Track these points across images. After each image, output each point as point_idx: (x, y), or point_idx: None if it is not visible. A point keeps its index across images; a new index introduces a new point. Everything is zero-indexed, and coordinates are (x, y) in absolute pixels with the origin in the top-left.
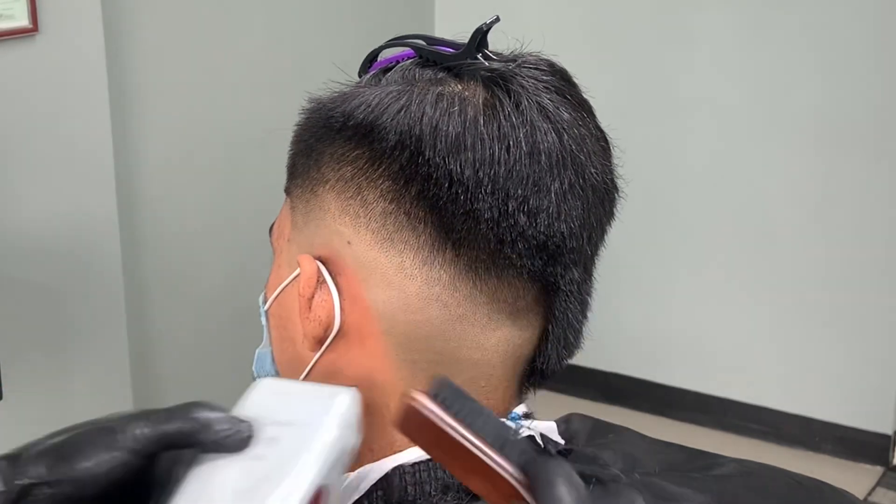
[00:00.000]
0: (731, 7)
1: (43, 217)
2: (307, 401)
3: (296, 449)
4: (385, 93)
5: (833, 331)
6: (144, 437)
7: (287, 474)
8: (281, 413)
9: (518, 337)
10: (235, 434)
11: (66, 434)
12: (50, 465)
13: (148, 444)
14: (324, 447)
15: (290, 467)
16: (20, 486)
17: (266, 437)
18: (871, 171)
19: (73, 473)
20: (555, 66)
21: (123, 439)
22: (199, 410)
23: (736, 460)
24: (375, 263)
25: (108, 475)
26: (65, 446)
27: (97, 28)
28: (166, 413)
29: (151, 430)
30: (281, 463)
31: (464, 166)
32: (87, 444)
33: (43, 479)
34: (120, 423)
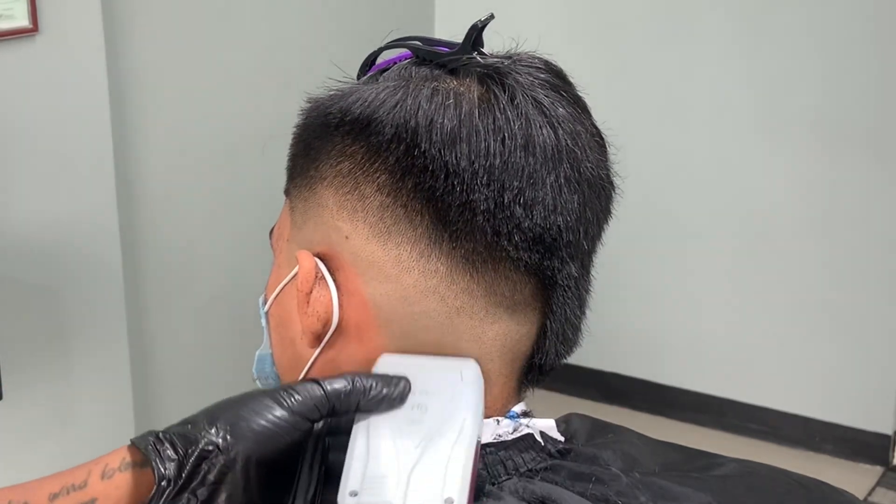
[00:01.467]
0: (731, 7)
1: (43, 217)
2: (435, 372)
3: (450, 411)
4: (381, 88)
5: (833, 331)
6: (314, 398)
7: (454, 432)
8: (415, 383)
9: (516, 332)
10: (394, 389)
11: (233, 402)
12: (224, 431)
13: (318, 405)
14: (476, 409)
15: (452, 429)
16: (197, 453)
17: (412, 405)
18: (871, 171)
19: (247, 440)
20: (550, 64)
21: (292, 403)
22: (355, 374)
23: (736, 460)
24: (373, 257)
25: (278, 438)
26: (236, 412)
27: (97, 28)
28: (326, 380)
29: (320, 391)
30: (441, 423)
31: (459, 158)
32: (258, 409)
33: (218, 445)
34: (286, 390)
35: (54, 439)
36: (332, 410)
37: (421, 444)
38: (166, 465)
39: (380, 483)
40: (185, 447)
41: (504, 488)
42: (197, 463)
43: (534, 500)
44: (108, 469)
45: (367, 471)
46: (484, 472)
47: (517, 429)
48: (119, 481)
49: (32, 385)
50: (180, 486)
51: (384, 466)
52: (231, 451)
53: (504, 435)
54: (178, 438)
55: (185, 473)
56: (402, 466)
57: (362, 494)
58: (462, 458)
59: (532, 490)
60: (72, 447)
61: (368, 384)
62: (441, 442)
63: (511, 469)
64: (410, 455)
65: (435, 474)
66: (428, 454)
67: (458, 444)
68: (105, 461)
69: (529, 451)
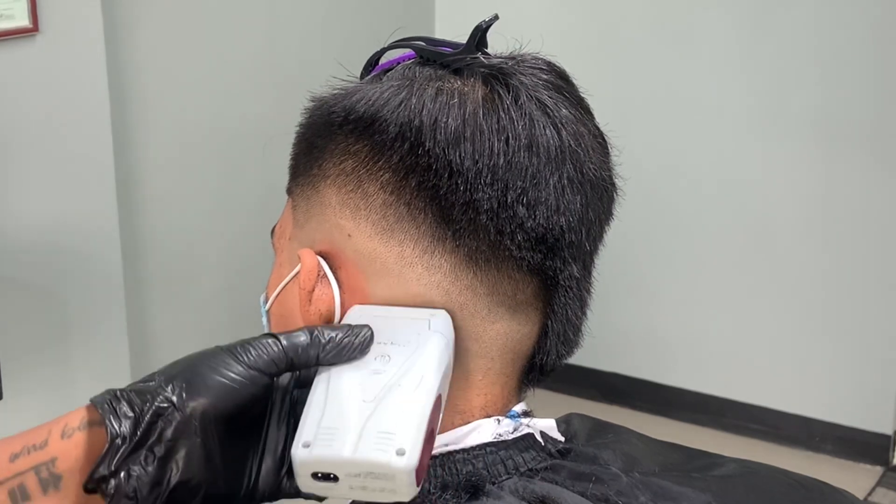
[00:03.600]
0: (732, 7)
1: (43, 217)
2: (405, 322)
3: (412, 361)
4: (385, 88)
5: (833, 331)
6: (270, 353)
7: (412, 383)
8: (382, 334)
9: (517, 331)
10: (357, 338)
11: (190, 358)
12: (180, 388)
13: (275, 359)
14: (439, 360)
15: (411, 380)
16: (152, 410)
17: (376, 355)
18: (871, 171)
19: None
20: (553, 65)
21: (248, 359)
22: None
23: (736, 460)
24: (375, 254)
25: (236, 393)
26: (192, 369)
27: (97, 28)
28: (284, 334)
29: (277, 346)
30: (401, 375)
31: (463, 157)
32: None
33: (174, 402)
34: (242, 346)
35: None
36: (290, 364)
37: (379, 395)
38: (122, 422)
39: (333, 434)
40: (141, 405)
41: (504, 488)
42: (153, 420)
43: (534, 499)
44: (67, 428)
45: (322, 422)
46: (484, 471)
47: (517, 428)
48: (78, 440)
49: (32, 385)
50: (136, 444)
51: (340, 418)
52: (187, 407)
53: (504, 434)
54: (134, 396)
55: (141, 431)
56: (358, 418)
57: (314, 446)
58: (418, 410)
59: (532, 489)
60: None
61: (328, 336)
62: (399, 393)
63: (511, 468)
64: (368, 406)
65: (389, 426)
66: (384, 405)
67: (416, 396)
68: (65, 420)
69: (530, 451)
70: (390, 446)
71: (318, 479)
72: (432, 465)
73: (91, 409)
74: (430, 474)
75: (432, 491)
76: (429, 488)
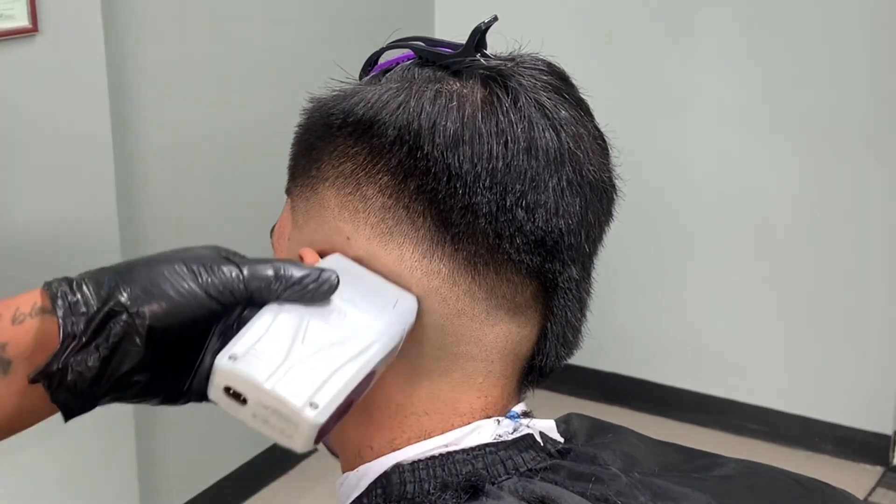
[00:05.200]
0: (732, 7)
1: (43, 217)
2: (374, 290)
3: (365, 328)
4: (384, 90)
5: (833, 331)
6: (230, 284)
7: (354, 349)
8: (347, 291)
9: (517, 334)
10: (320, 286)
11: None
12: (136, 295)
13: (234, 290)
14: (389, 339)
15: (355, 345)
16: (105, 312)
17: (333, 308)
18: (871, 171)
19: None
20: (553, 66)
21: (207, 282)
22: (284, 262)
23: (736, 460)
24: (375, 258)
25: (187, 311)
26: (151, 276)
27: (97, 28)
28: (252, 263)
29: (239, 277)
30: (348, 336)
31: (462, 161)
32: (173, 278)
33: (126, 306)
34: (206, 266)
35: (54, 439)
36: (248, 299)
37: (320, 345)
38: (75, 319)
39: (260, 359)
40: (97, 301)
41: (504, 488)
42: (104, 320)
43: (533, 499)
44: (18, 313)
45: (256, 345)
46: (484, 471)
47: (517, 429)
48: (29, 327)
49: None
50: (86, 341)
51: (274, 348)
52: (138, 315)
53: (504, 435)
54: (89, 291)
55: (92, 329)
56: (292, 356)
57: (239, 361)
58: (348, 374)
59: (532, 490)
60: (72, 447)
61: (293, 277)
62: (339, 351)
63: (511, 469)
64: (305, 350)
65: (315, 377)
66: (320, 356)
67: (354, 361)
68: (16, 304)
69: (529, 451)
70: (307, 395)
71: (228, 395)
72: (432, 466)
73: (44, 295)
74: (431, 475)
75: (432, 491)
76: (429, 488)
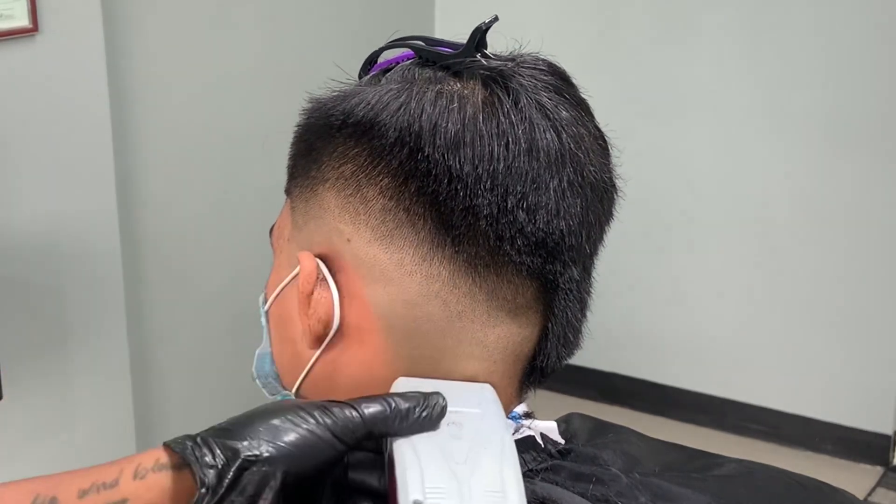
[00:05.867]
0: (733, 7)
1: (43, 217)
2: (457, 392)
3: (486, 427)
4: (385, 91)
5: (833, 331)
6: (350, 422)
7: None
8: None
9: (518, 335)
10: (431, 409)
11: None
12: (266, 444)
13: (355, 428)
14: (506, 423)
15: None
16: (238, 464)
17: (447, 421)
18: (871, 171)
19: (287, 453)
20: (553, 65)
21: (328, 423)
22: (389, 396)
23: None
24: (375, 260)
25: (315, 456)
26: (274, 424)
27: (97, 28)
28: (359, 402)
29: (357, 415)
30: (482, 440)
31: (463, 162)
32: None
33: (259, 456)
34: (321, 409)
35: (54, 439)
36: (368, 434)
37: (468, 458)
38: (206, 471)
39: (441, 493)
40: (224, 454)
41: None
42: (238, 474)
43: (534, 500)
44: (140, 469)
45: (425, 481)
46: None
47: (518, 430)
48: (151, 482)
49: (33, 385)
50: (220, 496)
51: (441, 477)
52: (273, 463)
53: None
54: (217, 445)
55: (227, 483)
56: (459, 478)
57: (428, 501)
58: (515, 470)
59: (532, 490)
60: (72, 447)
61: (405, 407)
62: (487, 457)
63: None
64: (464, 468)
65: (493, 485)
66: (479, 466)
67: (505, 458)
68: (137, 460)
69: (530, 452)
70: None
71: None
72: None
73: (167, 451)
74: None
75: None
76: None
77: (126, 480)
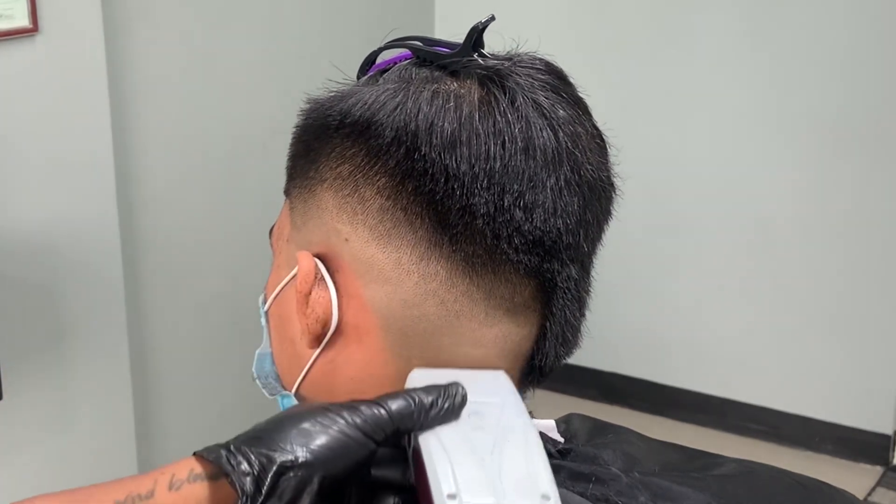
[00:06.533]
0: (732, 7)
1: (43, 217)
2: (471, 381)
3: (507, 416)
4: (381, 91)
5: (833, 331)
6: (378, 419)
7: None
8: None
9: (516, 334)
10: (453, 400)
11: (297, 417)
12: (301, 448)
13: (384, 426)
14: (524, 408)
15: (515, 430)
16: (274, 469)
17: (468, 412)
18: (871, 172)
19: (323, 455)
20: (550, 64)
21: (358, 422)
22: (411, 391)
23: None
24: (373, 260)
25: (348, 457)
26: (305, 428)
27: (97, 28)
28: (385, 399)
29: (384, 412)
30: (504, 429)
31: (459, 162)
32: (327, 424)
33: (296, 461)
34: (348, 410)
35: (54, 439)
36: (395, 431)
37: (495, 449)
38: (243, 479)
39: (473, 485)
40: (260, 461)
41: None
42: (275, 479)
43: None
44: (175, 480)
45: (457, 474)
46: None
47: None
48: (187, 493)
49: (32, 385)
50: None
51: (472, 470)
52: (309, 467)
53: None
54: (252, 452)
55: (265, 490)
56: (488, 470)
57: (462, 495)
58: (540, 457)
59: None
60: (72, 447)
61: (429, 400)
62: (513, 446)
63: None
64: (492, 459)
65: (523, 475)
66: (507, 456)
67: (530, 447)
68: (171, 471)
69: None
70: (535, 492)
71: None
72: None
73: (200, 461)
74: None
75: None
76: None
77: (161, 491)
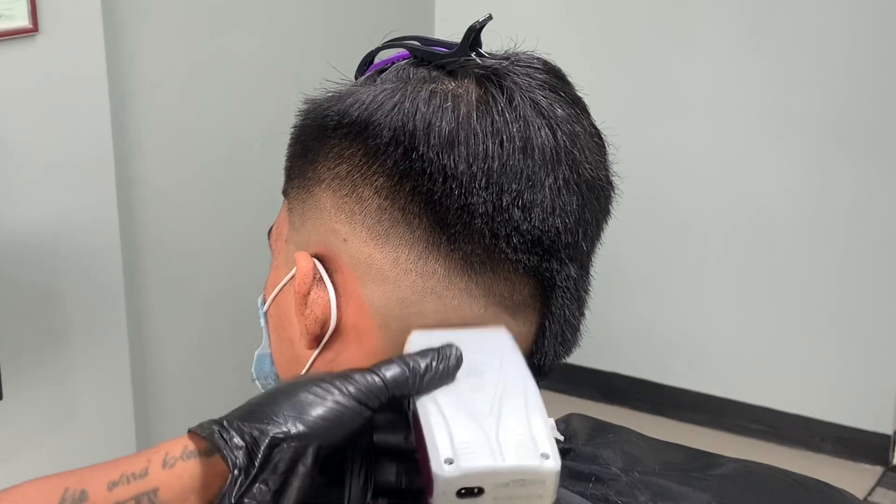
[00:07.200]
0: (732, 6)
1: (43, 217)
2: (471, 339)
3: (506, 374)
4: (379, 91)
5: (833, 331)
6: (372, 387)
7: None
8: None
9: (515, 332)
10: (448, 361)
11: (291, 389)
12: (293, 420)
13: (378, 393)
14: (524, 365)
15: (515, 388)
16: (267, 442)
17: (465, 372)
18: (870, 171)
19: (316, 426)
20: (548, 63)
21: (352, 391)
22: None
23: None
24: (371, 259)
25: (343, 426)
26: (299, 399)
27: (97, 28)
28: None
29: (378, 380)
30: (503, 387)
31: (457, 161)
32: (321, 395)
33: (289, 433)
34: (341, 379)
35: (54, 439)
36: (391, 398)
37: (493, 409)
38: (235, 453)
39: (472, 448)
40: (252, 435)
41: None
42: (268, 452)
43: None
44: (168, 457)
45: (454, 438)
46: None
47: None
48: (181, 470)
49: (32, 385)
50: (253, 476)
51: (470, 433)
52: (304, 438)
53: None
54: (244, 426)
55: (258, 462)
56: (487, 430)
57: (459, 460)
58: (542, 416)
59: None
60: (72, 447)
61: (423, 365)
62: (512, 405)
63: None
64: (488, 420)
65: (522, 435)
66: (506, 416)
67: (531, 402)
68: (165, 449)
69: None
70: (534, 452)
71: (461, 496)
72: None
73: (194, 438)
74: None
75: None
76: None
77: (155, 470)
